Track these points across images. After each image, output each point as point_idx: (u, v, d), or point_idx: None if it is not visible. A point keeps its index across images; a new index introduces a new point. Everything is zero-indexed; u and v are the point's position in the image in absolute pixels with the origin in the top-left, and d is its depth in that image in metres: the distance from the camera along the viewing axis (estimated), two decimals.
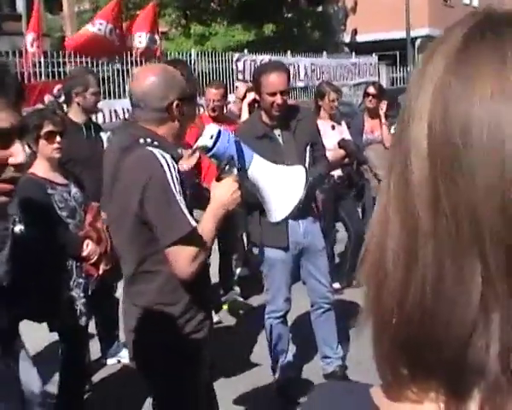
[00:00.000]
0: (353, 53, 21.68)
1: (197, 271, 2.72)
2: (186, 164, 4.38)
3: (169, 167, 2.66)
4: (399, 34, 23.56)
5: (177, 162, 2.77)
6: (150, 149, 2.70)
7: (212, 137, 2.76)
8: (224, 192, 2.73)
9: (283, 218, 3.10)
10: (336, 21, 28.45)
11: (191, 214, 2.73)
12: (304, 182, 3.03)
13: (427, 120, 0.55)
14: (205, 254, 2.77)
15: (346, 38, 28.54)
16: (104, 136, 5.24)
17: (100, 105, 10.51)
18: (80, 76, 5.37)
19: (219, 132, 2.77)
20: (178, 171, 2.73)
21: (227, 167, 2.75)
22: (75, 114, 5.10)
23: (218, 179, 2.77)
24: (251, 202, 3.07)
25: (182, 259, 2.66)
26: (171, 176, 2.65)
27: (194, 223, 2.67)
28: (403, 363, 0.57)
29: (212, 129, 2.81)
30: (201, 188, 4.30)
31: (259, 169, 2.95)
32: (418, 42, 25.87)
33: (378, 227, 0.59)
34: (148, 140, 2.74)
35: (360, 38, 27.24)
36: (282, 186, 3.04)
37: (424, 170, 0.54)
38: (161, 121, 2.81)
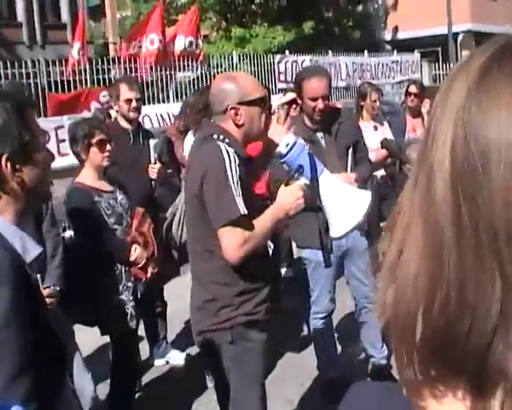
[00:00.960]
0: (395, 51, 21.49)
1: (246, 257, 2.93)
2: None
3: (229, 159, 2.92)
4: (441, 30, 23.14)
5: (241, 159, 3.00)
6: (218, 143, 3.00)
7: (287, 146, 3.04)
8: (289, 197, 3.01)
9: (340, 235, 3.29)
10: (377, 19, 28.19)
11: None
12: (367, 207, 3.18)
13: (449, 143, 0.58)
14: (254, 245, 2.97)
15: (388, 36, 28.22)
16: (152, 142, 5.20)
17: (145, 110, 10.74)
18: (115, 84, 5.54)
19: (295, 142, 3.05)
20: (239, 166, 2.95)
21: (296, 175, 3.03)
22: (121, 120, 5.19)
23: (287, 185, 3.05)
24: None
25: (229, 242, 2.90)
26: (230, 167, 2.91)
27: (245, 211, 2.88)
28: (430, 364, 0.60)
29: (288, 138, 3.11)
30: None
31: (327, 183, 3.15)
32: (460, 37, 25.39)
33: (399, 233, 0.63)
34: (221, 136, 3.04)
35: (401, 36, 26.82)
36: (345, 205, 3.22)
37: (447, 189, 0.58)
38: (223, 121, 3.10)
